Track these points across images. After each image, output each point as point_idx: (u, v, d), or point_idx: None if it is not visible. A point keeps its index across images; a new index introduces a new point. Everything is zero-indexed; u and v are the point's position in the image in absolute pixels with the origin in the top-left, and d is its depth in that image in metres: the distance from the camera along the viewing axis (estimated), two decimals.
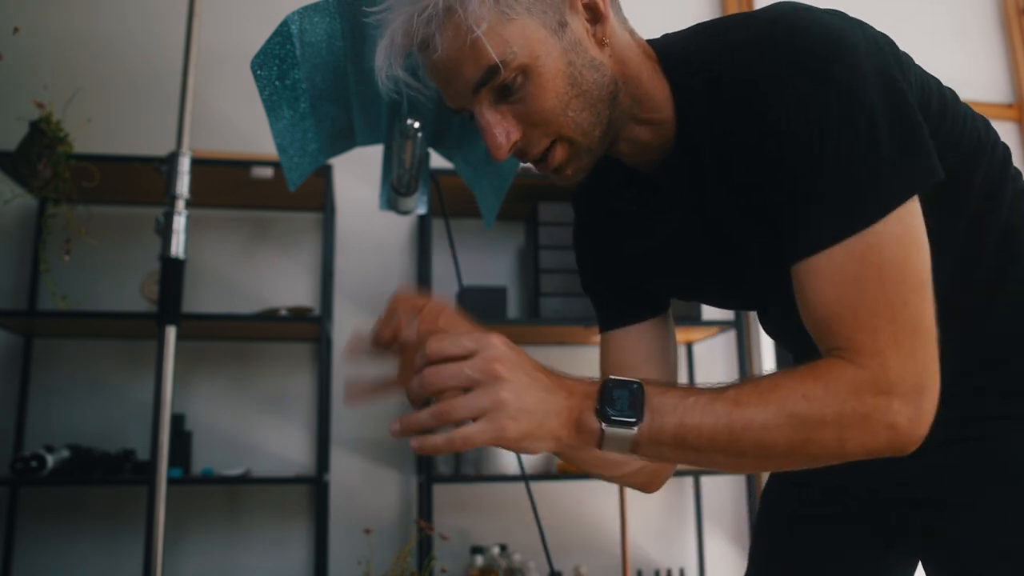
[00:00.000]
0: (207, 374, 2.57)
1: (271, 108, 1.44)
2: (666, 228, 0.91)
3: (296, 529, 2.53)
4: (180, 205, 1.55)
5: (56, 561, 2.39)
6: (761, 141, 0.75)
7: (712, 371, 2.91)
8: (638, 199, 0.93)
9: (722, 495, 2.84)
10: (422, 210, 1.96)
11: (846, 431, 0.69)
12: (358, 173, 2.66)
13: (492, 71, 0.75)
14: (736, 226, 0.84)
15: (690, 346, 2.90)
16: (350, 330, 2.64)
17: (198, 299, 2.57)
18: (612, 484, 2.56)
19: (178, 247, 1.54)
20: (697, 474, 2.67)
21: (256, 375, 2.61)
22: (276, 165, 2.25)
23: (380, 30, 0.79)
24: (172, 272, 1.53)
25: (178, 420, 2.41)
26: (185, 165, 1.57)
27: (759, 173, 0.77)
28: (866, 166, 0.71)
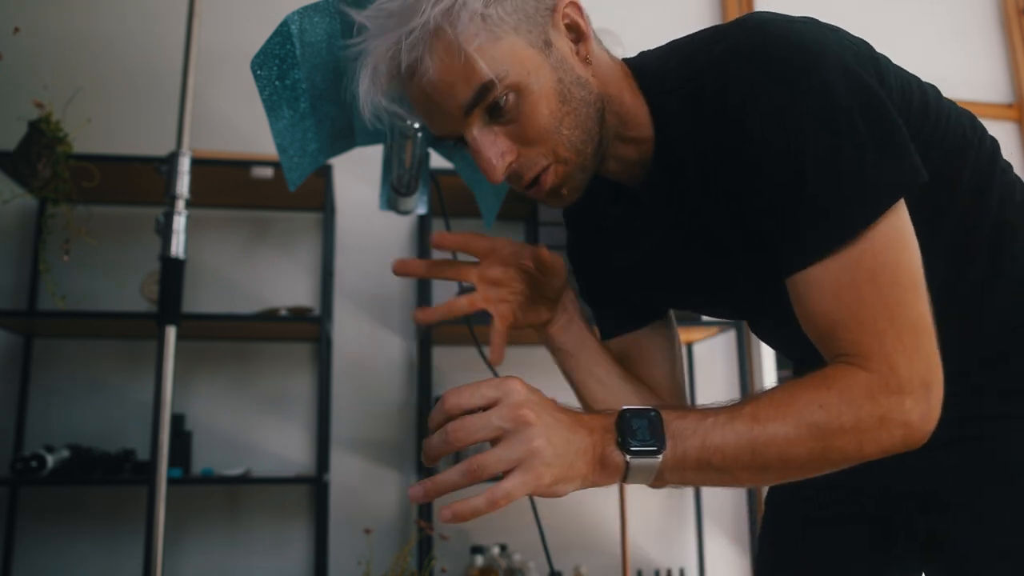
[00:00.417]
0: (207, 374, 2.57)
1: (271, 108, 1.44)
2: (650, 242, 0.92)
3: (296, 529, 2.53)
4: (180, 205, 1.55)
5: (56, 561, 2.39)
6: (740, 150, 0.75)
7: (712, 371, 2.91)
8: (624, 214, 0.94)
9: (722, 495, 2.84)
10: (422, 210, 1.95)
11: (864, 435, 0.69)
12: (358, 173, 2.66)
13: (485, 89, 0.74)
14: (720, 238, 0.84)
15: (690, 346, 2.90)
16: (350, 330, 2.66)
17: (198, 299, 2.57)
18: (614, 484, 2.56)
19: (178, 247, 1.54)
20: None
21: (256, 375, 2.61)
22: (276, 165, 2.25)
23: (361, 59, 0.77)
24: (172, 272, 1.53)
25: (178, 420, 2.41)
26: (185, 165, 1.57)
27: (740, 183, 0.77)
28: (850, 174, 0.71)
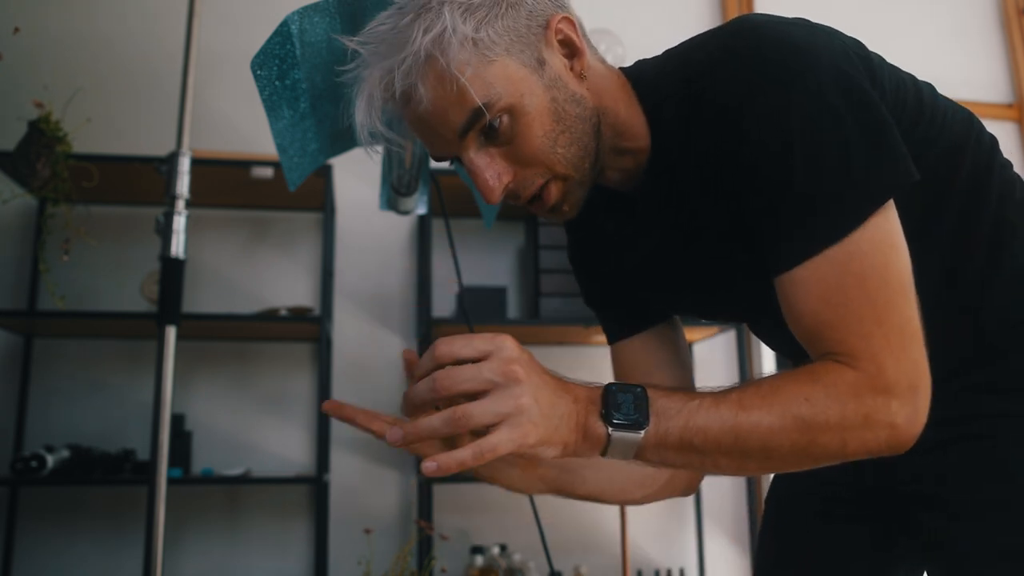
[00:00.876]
0: (207, 374, 2.57)
1: (271, 108, 1.44)
2: (649, 244, 0.92)
3: (296, 529, 2.53)
4: (180, 205, 1.55)
5: (56, 561, 2.39)
6: (737, 151, 0.76)
7: (712, 371, 2.91)
8: (622, 218, 0.94)
9: (722, 495, 2.84)
10: (422, 210, 1.96)
11: (848, 432, 0.69)
12: (358, 173, 2.66)
13: (478, 114, 0.75)
14: (718, 239, 0.84)
15: (690, 346, 2.90)
16: (350, 330, 2.66)
17: (198, 299, 2.57)
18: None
19: (178, 247, 1.54)
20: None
21: (256, 375, 2.61)
22: (276, 165, 2.25)
23: (356, 87, 0.78)
24: (172, 272, 1.53)
25: (178, 420, 2.41)
26: (185, 165, 1.57)
27: (738, 184, 0.77)
28: (839, 174, 0.71)
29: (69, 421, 2.45)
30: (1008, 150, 3.47)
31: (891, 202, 0.73)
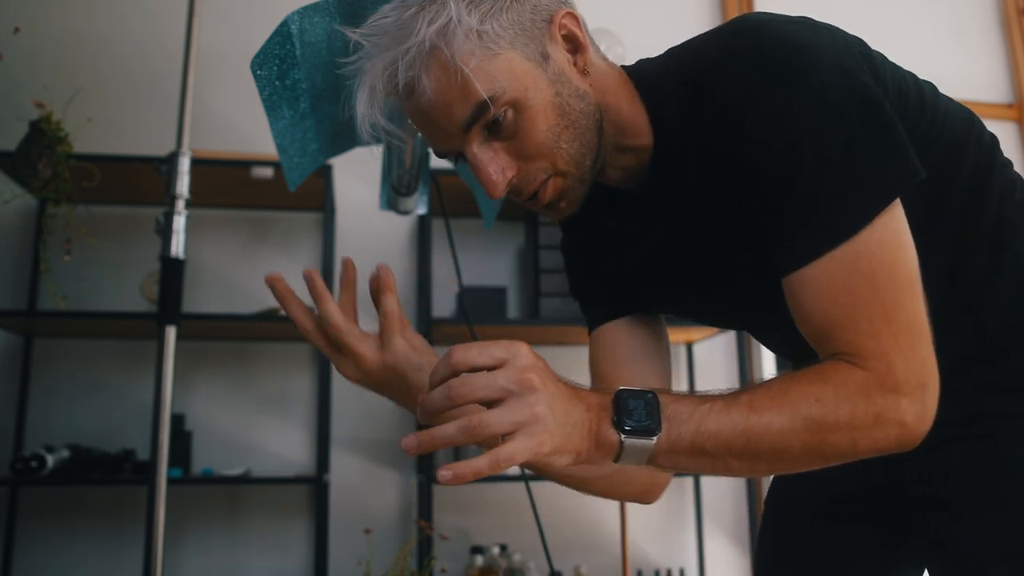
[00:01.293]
0: (207, 374, 2.57)
1: (271, 108, 1.44)
2: (650, 242, 0.92)
3: (296, 529, 2.53)
4: (180, 205, 1.55)
5: (56, 561, 2.39)
6: (739, 151, 0.75)
7: (712, 371, 2.91)
8: (622, 216, 0.94)
9: (722, 495, 2.84)
10: (422, 210, 1.96)
11: (858, 431, 0.69)
12: (358, 173, 2.66)
13: (482, 107, 0.74)
14: (719, 238, 0.84)
15: (690, 346, 2.90)
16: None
17: (198, 299, 2.57)
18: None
19: (178, 247, 1.54)
20: (697, 474, 2.67)
21: (256, 375, 2.61)
22: (276, 165, 2.25)
23: (358, 79, 0.78)
24: (172, 272, 1.53)
25: (178, 420, 2.41)
26: (185, 165, 1.57)
27: (739, 183, 0.77)
28: (846, 172, 0.71)
29: (69, 421, 2.45)
30: (1008, 150, 3.46)
31: (898, 200, 0.73)
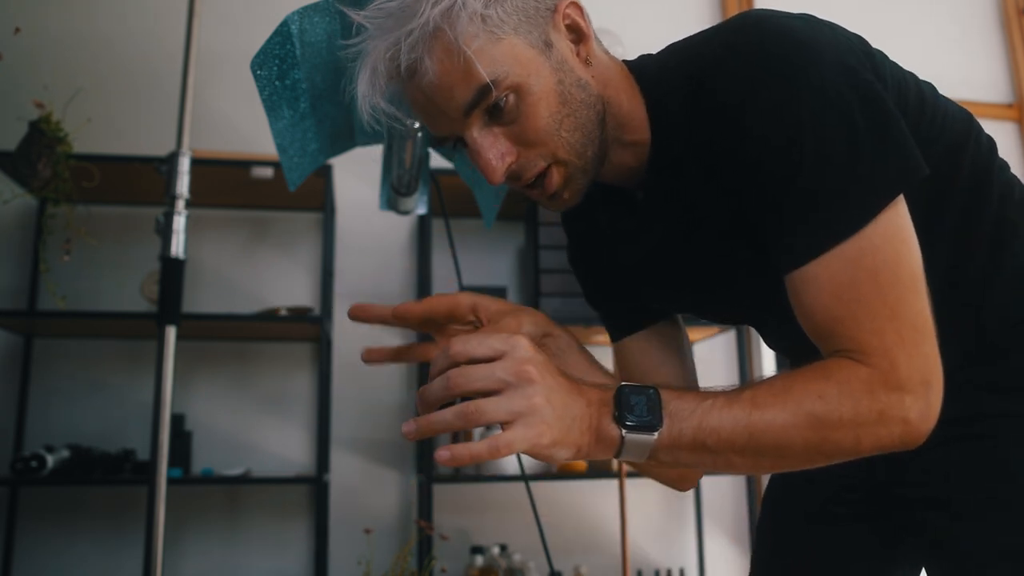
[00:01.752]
0: (207, 374, 2.57)
1: (271, 108, 1.44)
2: (650, 241, 0.92)
3: (296, 529, 2.53)
4: (180, 205, 1.55)
5: (56, 561, 2.39)
6: (739, 148, 0.75)
7: (712, 371, 2.91)
8: (622, 215, 0.94)
9: (722, 495, 2.84)
10: (422, 210, 1.96)
11: (862, 428, 0.69)
12: (358, 173, 2.66)
13: (484, 91, 0.74)
14: (719, 236, 0.84)
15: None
16: (350, 330, 2.66)
17: (198, 299, 2.57)
18: (612, 483, 2.57)
19: (178, 247, 1.54)
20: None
21: (256, 375, 2.61)
22: (276, 165, 2.25)
23: (360, 60, 0.77)
24: (172, 272, 1.53)
25: (178, 420, 2.41)
26: (185, 165, 1.57)
27: (739, 180, 0.77)
28: (849, 169, 0.71)
29: (69, 421, 2.45)
30: (1008, 150, 3.47)
31: (901, 197, 0.73)
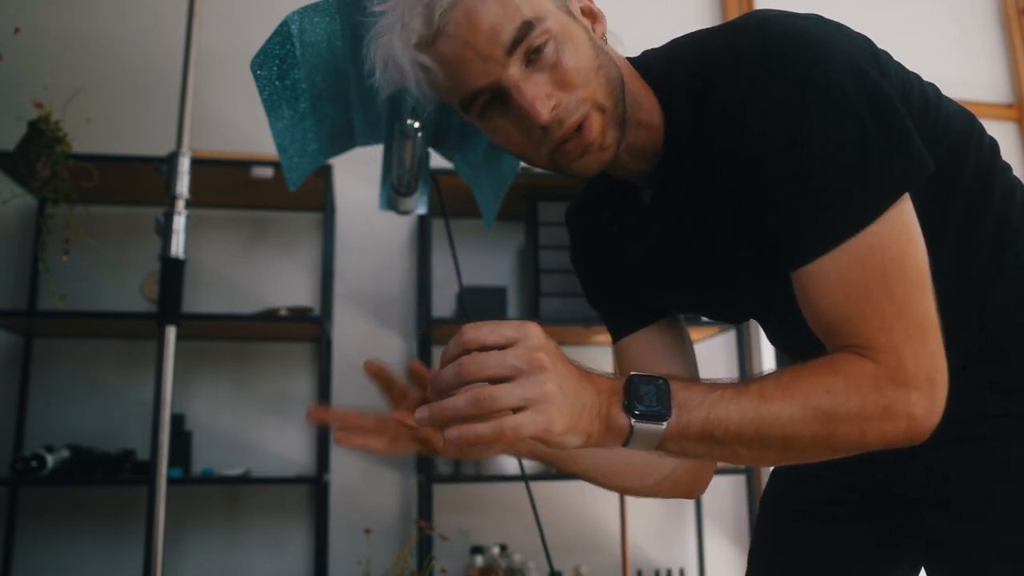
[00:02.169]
0: (207, 374, 2.57)
1: (271, 108, 1.44)
2: (652, 239, 0.92)
3: (296, 529, 2.53)
4: (180, 205, 1.55)
5: (56, 561, 2.39)
6: (738, 147, 0.75)
7: (712, 371, 2.88)
8: (627, 211, 0.94)
9: (722, 495, 2.84)
10: (422, 210, 1.96)
11: (868, 423, 0.70)
12: (358, 173, 2.65)
13: (527, 26, 0.74)
14: (721, 236, 0.84)
15: None
16: (350, 330, 2.66)
17: (198, 299, 2.57)
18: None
19: (178, 247, 1.54)
20: None
21: (256, 375, 2.61)
22: (276, 165, 2.25)
23: (385, 17, 0.77)
24: (172, 272, 1.53)
25: (178, 420, 2.41)
26: (185, 165, 1.57)
27: (740, 180, 0.77)
28: (856, 166, 0.71)
29: (69, 421, 2.45)
30: (1008, 150, 3.47)
31: (907, 195, 0.73)
